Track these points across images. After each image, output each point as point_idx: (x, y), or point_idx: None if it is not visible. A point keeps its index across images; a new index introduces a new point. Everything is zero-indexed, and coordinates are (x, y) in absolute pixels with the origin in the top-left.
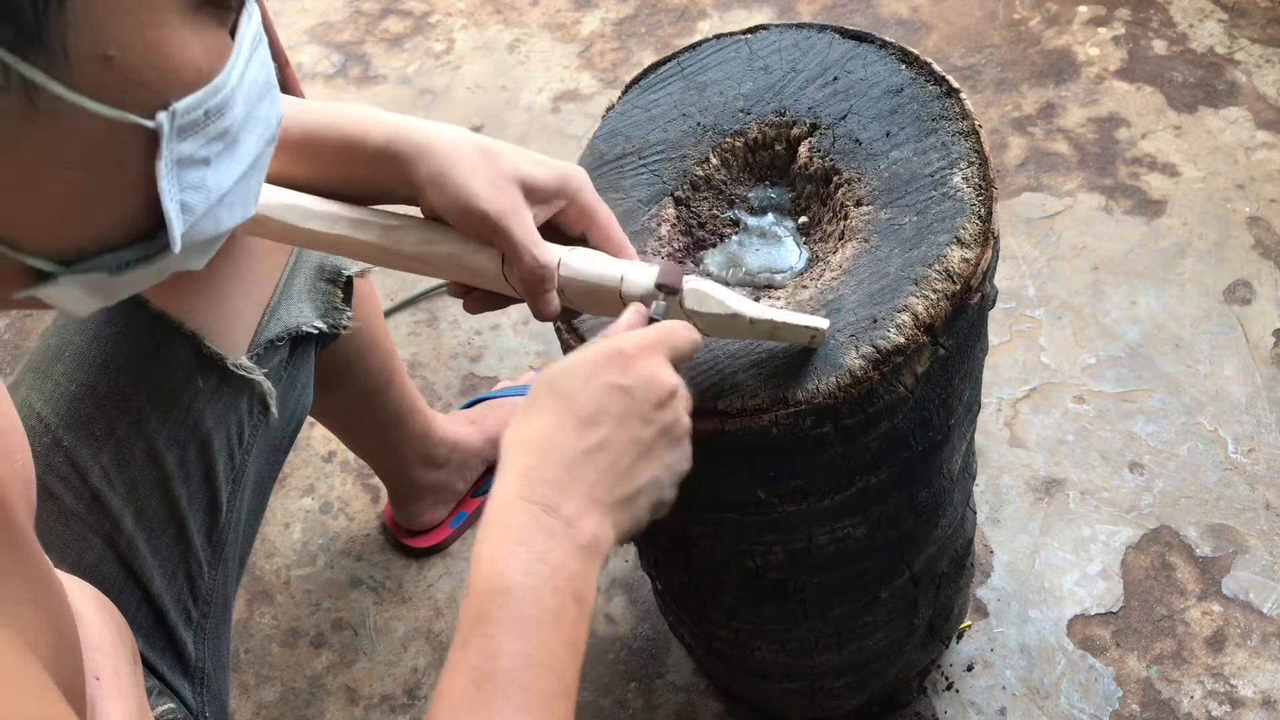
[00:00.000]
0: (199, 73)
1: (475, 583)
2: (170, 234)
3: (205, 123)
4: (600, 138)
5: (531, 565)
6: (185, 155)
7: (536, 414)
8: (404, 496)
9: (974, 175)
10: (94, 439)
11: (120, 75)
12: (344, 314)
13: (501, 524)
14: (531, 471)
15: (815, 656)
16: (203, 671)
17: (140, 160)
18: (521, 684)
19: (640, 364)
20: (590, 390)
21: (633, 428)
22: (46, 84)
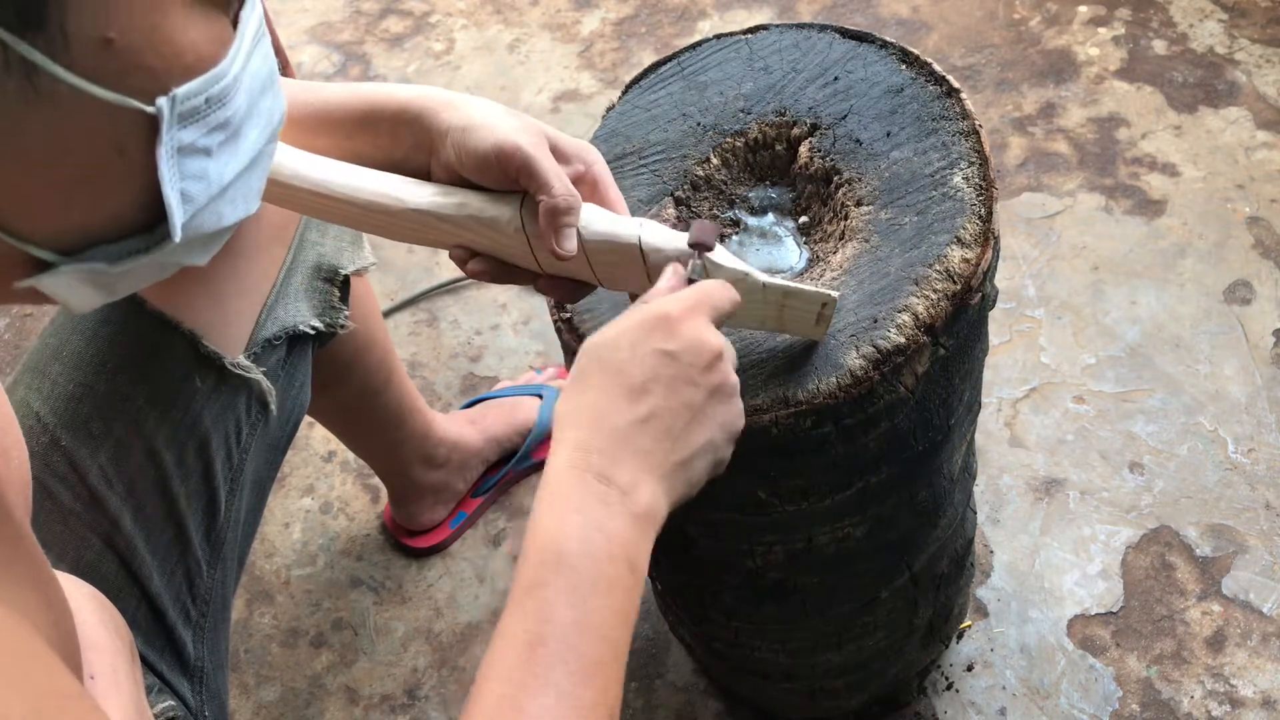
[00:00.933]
0: (200, 59)
1: (530, 549)
2: (171, 223)
3: (206, 110)
4: (600, 138)
5: (587, 533)
6: (186, 143)
7: (586, 386)
8: (404, 496)
9: (974, 175)
10: (92, 438)
11: (120, 59)
12: (341, 313)
13: (557, 493)
14: (585, 442)
15: (815, 656)
16: (202, 670)
17: (141, 146)
18: (575, 649)
19: (685, 327)
20: (638, 358)
21: (683, 393)
22: (46, 66)
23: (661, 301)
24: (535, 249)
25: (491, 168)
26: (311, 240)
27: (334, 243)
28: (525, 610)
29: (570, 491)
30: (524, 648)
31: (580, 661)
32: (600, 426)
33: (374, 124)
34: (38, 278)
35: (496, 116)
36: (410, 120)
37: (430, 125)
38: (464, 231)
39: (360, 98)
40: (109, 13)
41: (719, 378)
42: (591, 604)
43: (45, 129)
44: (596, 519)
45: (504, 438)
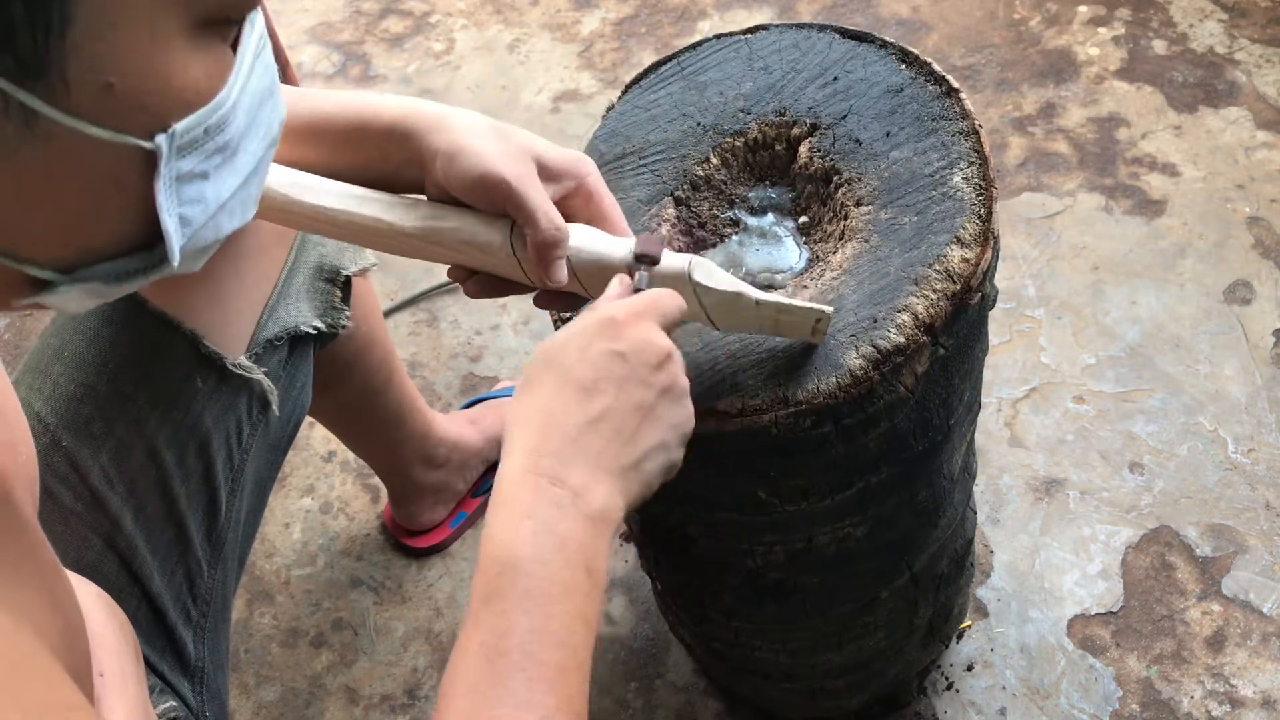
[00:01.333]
0: (199, 94)
1: (484, 559)
2: (169, 248)
3: (205, 140)
4: (600, 138)
5: (539, 538)
6: (184, 172)
7: (536, 389)
8: (404, 496)
9: (974, 175)
10: (93, 439)
11: (120, 101)
12: (342, 314)
13: (508, 499)
14: (535, 446)
15: (815, 656)
16: (202, 670)
17: (139, 178)
18: (535, 658)
19: (633, 329)
20: (587, 360)
21: (633, 392)
22: (45, 111)
23: (608, 306)
24: (528, 271)
25: (479, 196)
26: (313, 241)
27: (335, 243)
28: (482, 622)
29: (522, 497)
30: (484, 660)
31: (541, 669)
32: (551, 428)
33: (363, 139)
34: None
35: (482, 140)
36: (399, 139)
37: (419, 146)
38: (458, 254)
39: (350, 111)
40: (110, 58)
41: (668, 378)
42: (549, 610)
43: (44, 167)
44: (549, 523)
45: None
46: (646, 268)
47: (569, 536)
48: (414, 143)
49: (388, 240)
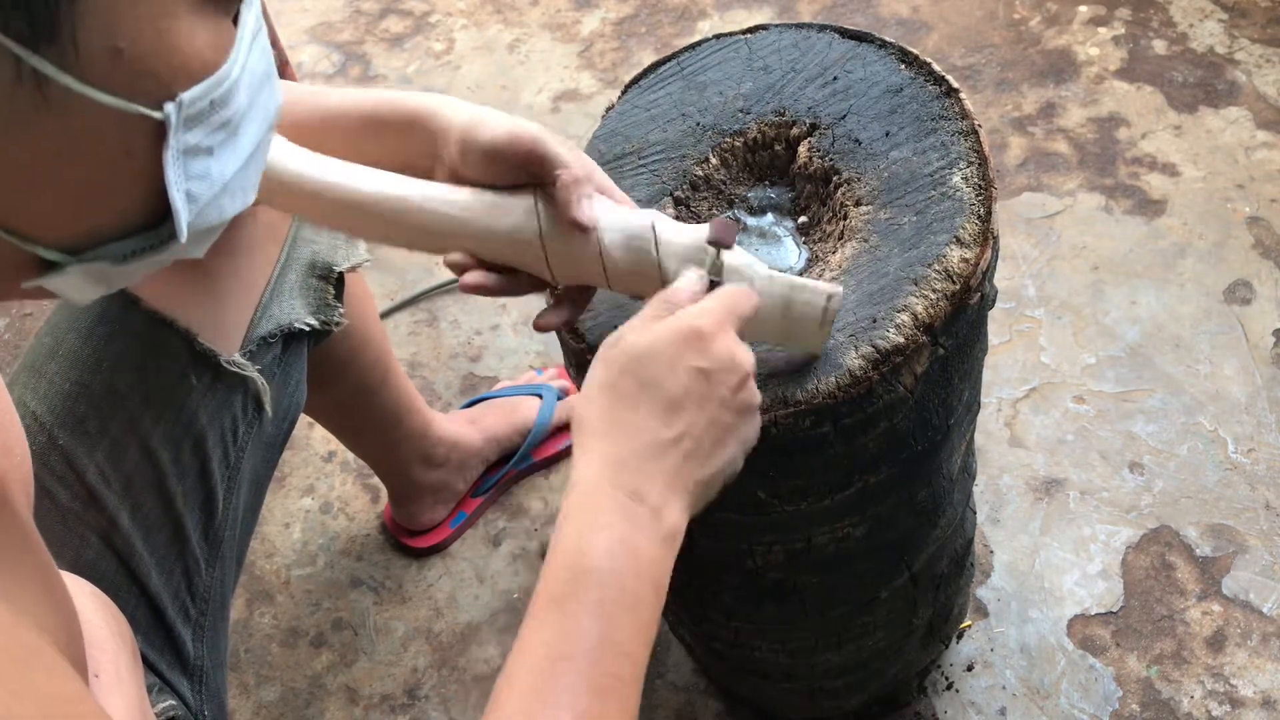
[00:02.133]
0: (205, 64)
1: (557, 562)
2: (176, 223)
3: (210, 112)
4: (600, 138)
5: (615, 550)
6: (191, 145)
7: (617, 395)
8: (403, 496)
9: (974, 175)
10: (89, 437)
11: (129, 67)
12: (336, 310)
13: (586, 507)
14: (618, 458)
15: (815, 656)
16: (201, 669)
17: (147, 150)
18: (598, 665)
19: (718, 344)
20: (674, 374)
21: (714, 412)
22: (58, 76)
23: (693, 315)
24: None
25: (500, 156)
26: (305, 237)
27: (328, 240)
28: (549, 622)
29: (600, 506)
30: (546, 660)
31: (603, 677)
32: (633, 443)
33: (379, 129)
34: (45, 278)
35: (502, 117)
36: (416, 124)
37: (435, 126)
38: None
39: (365, 102)
40: (119, 23)
41: (747, 396)
42: (617, 621)
43: (56, 136)
44: (626, 537)
45: (504, 437)
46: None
47: (643, 552)
48: (430, 124)
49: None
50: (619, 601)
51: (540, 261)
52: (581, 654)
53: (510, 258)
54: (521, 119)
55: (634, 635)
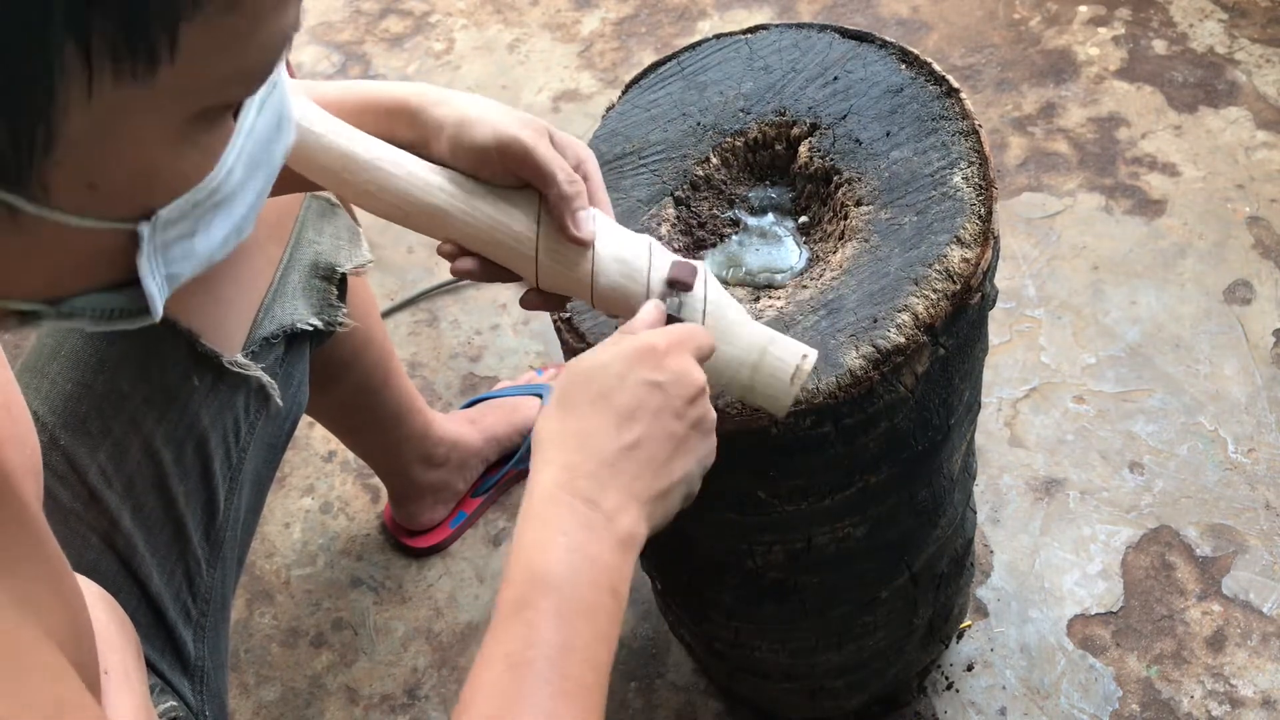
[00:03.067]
0: (189, 180)
1: (515, 570)
2: (152, 308)
3: (193, 210)
4: (600, 138)
5: (572, 557)
6: (171, 238)
7: (574, 409)
8: (404, 496)
9: (974, 175)
10: (90, 437)
11: (103, 197)
12: (339, 311)
13: (543, 515)
14: (572, 466)
15: (815, 656)
16: (202, 670)
17: (123, 249)
18: (559, 671)
19: (672, 360)
20: (626, 386)
21: (668, 423)
22: (25, 208)
23: (648, 334)
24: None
25: (490, 161)
26: (309, 238)
27: (331, 241)
28: (511, 631)
29: (556, 514)
30: (509, 668)
31: (564, 683)
32: (588, 451)
33: (367, 121)
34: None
35: (494, 111)
36: (405, 116)
37: (425, 120)
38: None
39: (354, 92)
40: (91, 166)
41: (700, 411)
42: (576, 627)
43: (27, 248)
44: (582, 543)
45: (504, 437)
46: (678, 293)
47: (599, 558)
48: (420, 117)
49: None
50: (578, 609)
51: (529, 269)
52: (544, 659)
53: (500, 258)
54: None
55: (594, 641)
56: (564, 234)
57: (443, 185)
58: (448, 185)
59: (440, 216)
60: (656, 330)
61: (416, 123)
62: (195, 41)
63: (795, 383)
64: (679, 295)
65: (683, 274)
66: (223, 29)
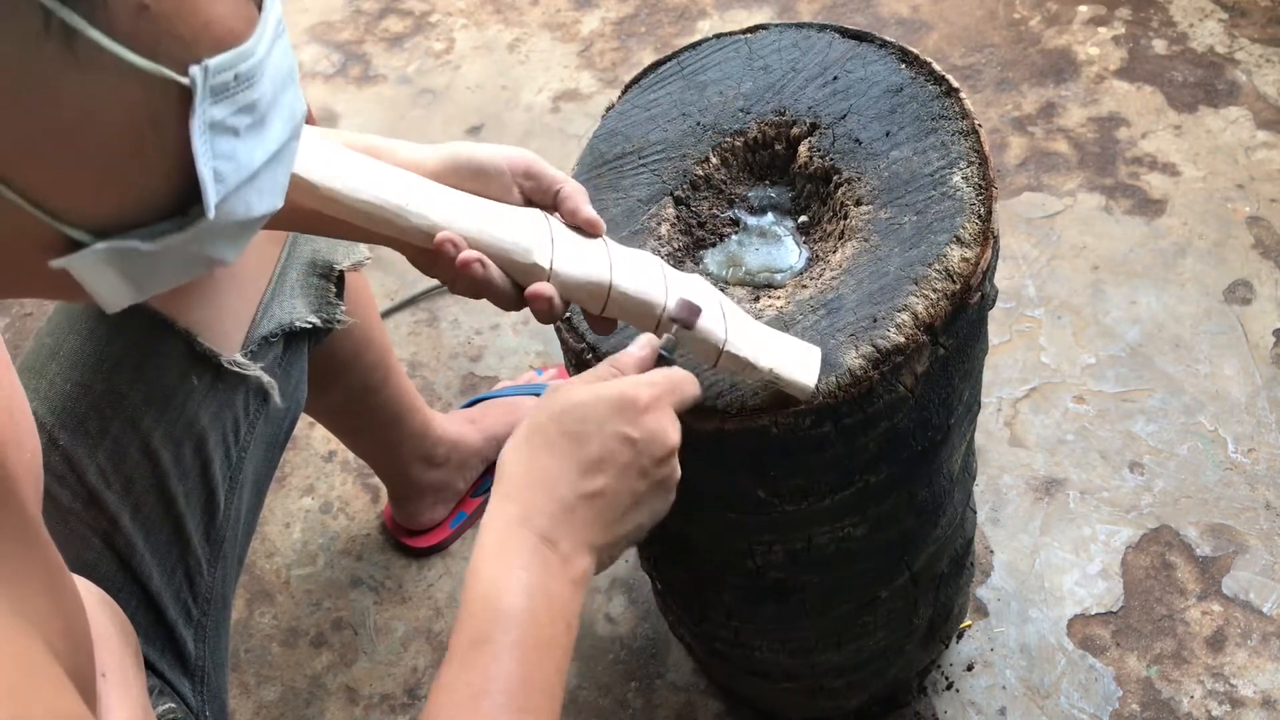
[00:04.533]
0: (229, 32)
1: (472, 602)
2: (205, 199)
3: (235, 88)
4: (600, 137)
5: (532, 592)
6: (217, 120)
7: (543, 446)
8: (404, 496)
9: (974, 175)
10: (89, 437)
11: (155, 25)
12: (337, 309)
13: (500, 548)
14: (531, 502)
15: (815, 656)
16: (203, 670)
17: (174, 119)
18: (517, 702)
19: (650, 417)
20: (600, 435)
21: (631, 481)
22: (85, 29)
23: (633, 384)
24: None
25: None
26: (305, 237)
27: (328, 239)
28: (470, 663)
29: (515, 549)
30: (470, 699)
31: (522, 714)
32: (549, 492)
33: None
34: (70, 257)
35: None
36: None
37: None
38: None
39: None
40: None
41: (666, 472)
42: (533, 659)
43: (82, 97)
44: (539, 580)
45: (504, 437)
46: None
47: (557, 595)
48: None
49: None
50: (535, 642)
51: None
52: (501, 690)
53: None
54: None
55: (551, 673)
56: (579, 216)
57: (449, 193)
58: (455, 194)
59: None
60: (642, 379)
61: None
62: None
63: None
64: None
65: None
66: None
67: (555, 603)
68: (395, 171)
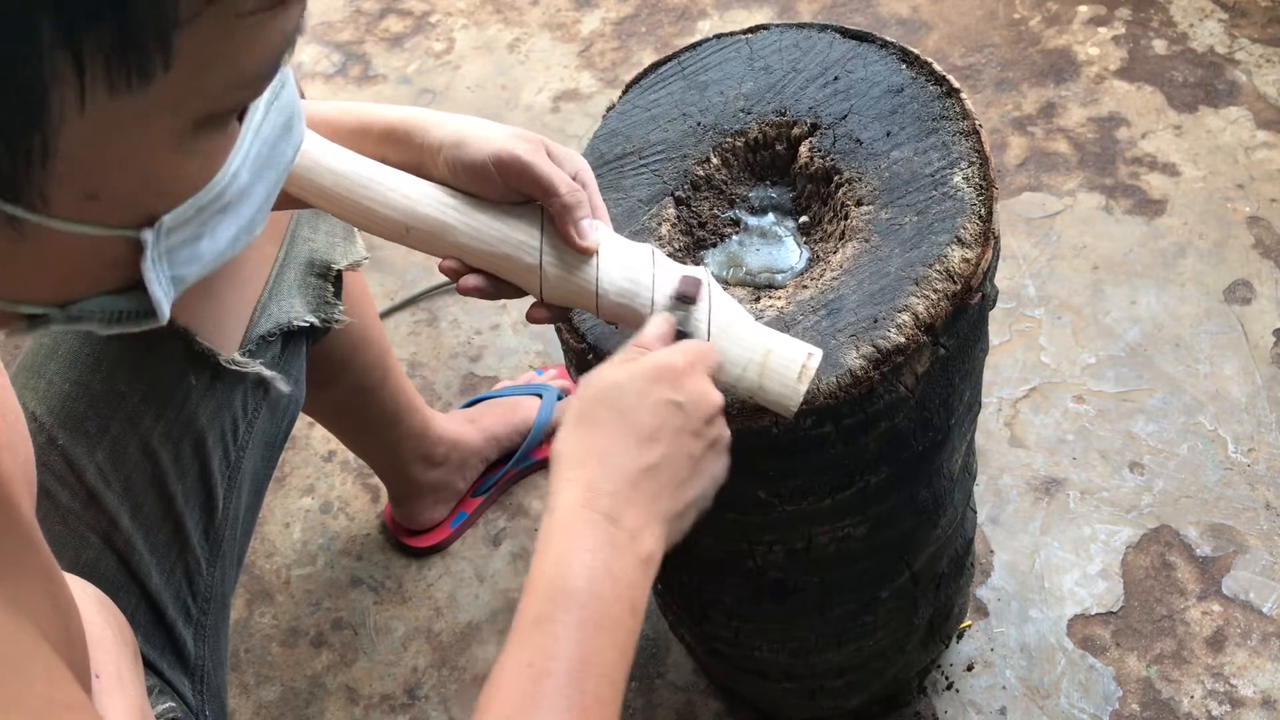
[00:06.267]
0: (193, 185)
1: (537, 584)
2: (158, 311)
3: (198, 215)
4: (600, 138)
5: (595, 572)
6: (176, 243)
7: (594, 427)
8: (403, 495)
9: (974, 175)
10: (88, 437)
11: (104, 207)
12: (335, 308)
13: (565, 531)
14: (595, 484)
15: (815, 656)
16: (202, 669)
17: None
18: (577, 685)
19: (691, 380)
20: (647, 406)
21: (687, 444)
22: (26, 217)
23: (665, 353)
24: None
25: (489, 177)
26: (303, 236)
27: (326, 238)
28: (531, 643)
29: (579, 530)
30: (528, 680)
31: (583, 697)
32: (610, 469)
33: (363, 143)
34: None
35: (490, 128)
36: (400, 138)
37: (420, 142)
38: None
39: (350, 115)
40: (91, 177)
41: (717, 431)
42: (597, 642)
43: (31, 256)
44: (605, 560)
45: (504, 436)
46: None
47: (622, 575)
48: (415, 139)
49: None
50: (599, 624)
51: (533, 281)
52: (563, 672)
53: (505, 272)
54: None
55: (613, 657)
56: (569, 242)
57: (444, 200)
58: (449, 200)
59: (442, 232)
60: (673, 349)
61: (412, 145)
62: (191, 49)
63: (803, 381)
64: (685, 308)
65: (688, 288)
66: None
67: (621, 584)
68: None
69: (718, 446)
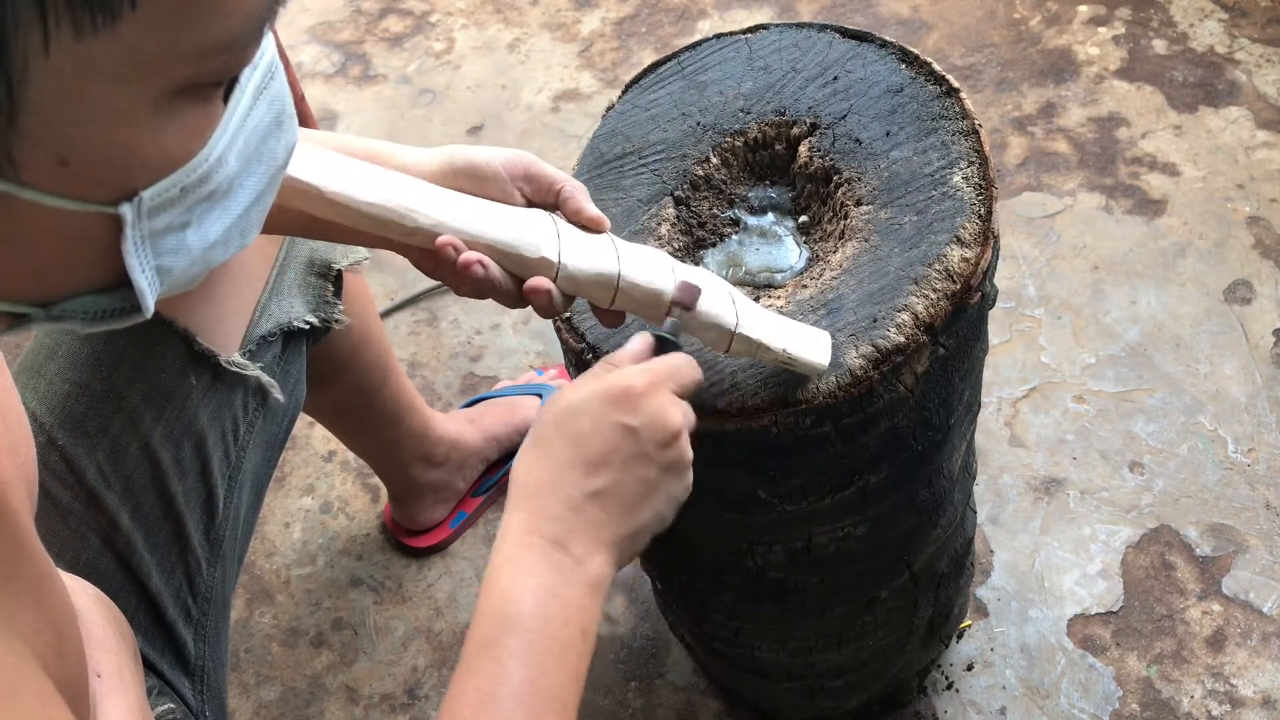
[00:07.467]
0: (171, 160)
1: (485, 609)
2: (142, 304)
3: (182, 198)
4: (600, 137)
5: (543, 597)
6: (159, 228)
7: (545, 452)
8: (403, 495)
9: (974, 175)
10: (88, 437)
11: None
12: (335, 308)
13: (513, 558)
14: (542, 510)
15: (815, 656)
16: (203, 669)
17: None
18: (526, 708)
19: (648, 401)
20: (599, 430)
21: (638, 469)
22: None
23: (629, 373)
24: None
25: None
26: None
27: None
28: (478, 669)
29: (526, 557)
30: (478, 706)
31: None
32: (556, 496)
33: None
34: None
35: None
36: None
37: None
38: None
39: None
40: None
41: (675, 454)
42: (544, 666)
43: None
44: (551, 585)
45: (504, 436)
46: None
47: (570, 599)
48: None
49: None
50: (547, 648)
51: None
52: (510, 695)
53: (519, 269)
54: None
55: (562, 680)
56: (582, 218)
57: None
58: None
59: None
60: (638, 369)
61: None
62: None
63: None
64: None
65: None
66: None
67: (569, 608)
68: (399, 176)
69: (676, 469)
